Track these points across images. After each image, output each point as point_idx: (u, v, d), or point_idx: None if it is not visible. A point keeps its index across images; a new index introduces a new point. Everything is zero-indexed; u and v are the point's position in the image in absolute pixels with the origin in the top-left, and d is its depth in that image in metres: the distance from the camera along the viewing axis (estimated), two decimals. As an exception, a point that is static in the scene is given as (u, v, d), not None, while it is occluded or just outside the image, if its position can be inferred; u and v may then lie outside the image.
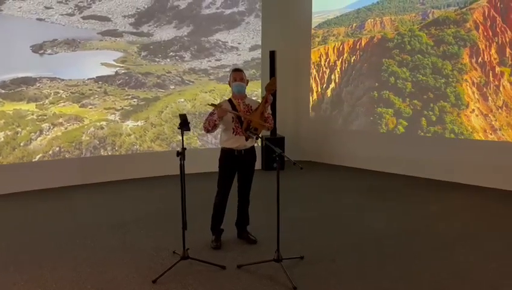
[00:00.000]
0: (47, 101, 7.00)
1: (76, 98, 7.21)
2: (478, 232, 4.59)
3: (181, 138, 3.70)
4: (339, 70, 8.66)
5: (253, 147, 4.19)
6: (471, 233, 4.57)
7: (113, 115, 7.50)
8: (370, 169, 7.78)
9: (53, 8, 6.93)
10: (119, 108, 7.57)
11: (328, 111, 8.82)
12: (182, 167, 3.59)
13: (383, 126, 7.80)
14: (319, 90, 9.00)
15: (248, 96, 4.25)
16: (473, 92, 6.78)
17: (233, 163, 4.12)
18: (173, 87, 7.99)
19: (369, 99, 8.09)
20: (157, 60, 7.92)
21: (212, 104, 3.92)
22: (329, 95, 8.80)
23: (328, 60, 8.85)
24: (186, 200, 3.67)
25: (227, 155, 4.12)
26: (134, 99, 7.68)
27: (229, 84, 4.18)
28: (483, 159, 6.55)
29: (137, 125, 7.69)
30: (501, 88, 6.49)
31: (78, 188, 6.69)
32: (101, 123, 7.37)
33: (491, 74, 6.60)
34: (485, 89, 6.65)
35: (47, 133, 6.95)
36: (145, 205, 5.79)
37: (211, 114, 4.01)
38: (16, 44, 6.70)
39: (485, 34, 6.67)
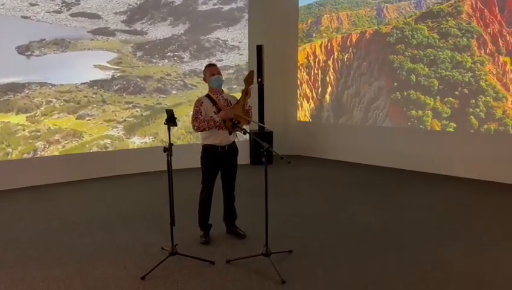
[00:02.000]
0: (38, 112, 6.45)
1: (72, 108, 6.64)
2: (466, 225, 4.66)
3: (168, 134, 3.67)
4: (332, 71, 8.35)
5: (234, 141, 4.19)
6: (459, 226, 4.64)
7: (115, 129, 6.88)
8: (360, 163, 7.83)
9: (38, 4, 6.52)
10: (121, 120, 6.96)
11: (332, 118, 8.38)
12: (169, 163, 3.57)
13: (428, 128, 7.18)
14: (315, 95, 8.61)
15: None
16: (496, 84, 6.53)
17: (217, 159, 4.11)
18: (175, 92, 7.50)
19: (391, 101, 7.53)
20: (155, 60, 7.45)
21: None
22: (328, 101, 8.40)
23: (317, 60, 8.60)
24: (174, 196, 3.66)
25: (210, 152, 4.10)
26: (137, 109, 7.13)
27: (205, 80, 4.20)
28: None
29: (145, 142, 7.06)
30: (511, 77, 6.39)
31: (63, 185, 6.62)
32: (104, 141, 6.74)
33: (500, 64, 6.48)
34: (504, 80, 6.46)
35: (42, 153, 6.32)
36: (132, 202, 5.76)
37: (200, 113, 3.99)
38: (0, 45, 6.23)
39: (479, 25, 6.64)
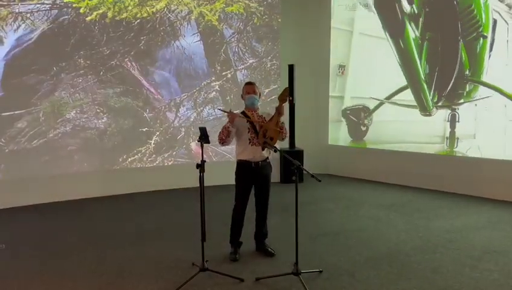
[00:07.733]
0: None
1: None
2: (504, 249, 4.48)
3: (201, 151, 3.75)
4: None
5: (268, 158, 4.22)
6: (497, 249, 4.46)
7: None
8: (392, 183, 7.69)
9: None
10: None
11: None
12: (201, 179, 3.63)
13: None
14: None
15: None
16: None
17: (250, 175, 4.14)
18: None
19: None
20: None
21: (222, 110, 4.26)
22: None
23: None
24: (205, 212, 3.70)
25: (243, 168, 4.15)
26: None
27: (242, 98, 4.27)
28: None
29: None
30: None
31: (97, 200, 6.79)
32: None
33: None
34: None
35: None
36: (164, 217, 5.85)
37: (227, 128, 4.06)
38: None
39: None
